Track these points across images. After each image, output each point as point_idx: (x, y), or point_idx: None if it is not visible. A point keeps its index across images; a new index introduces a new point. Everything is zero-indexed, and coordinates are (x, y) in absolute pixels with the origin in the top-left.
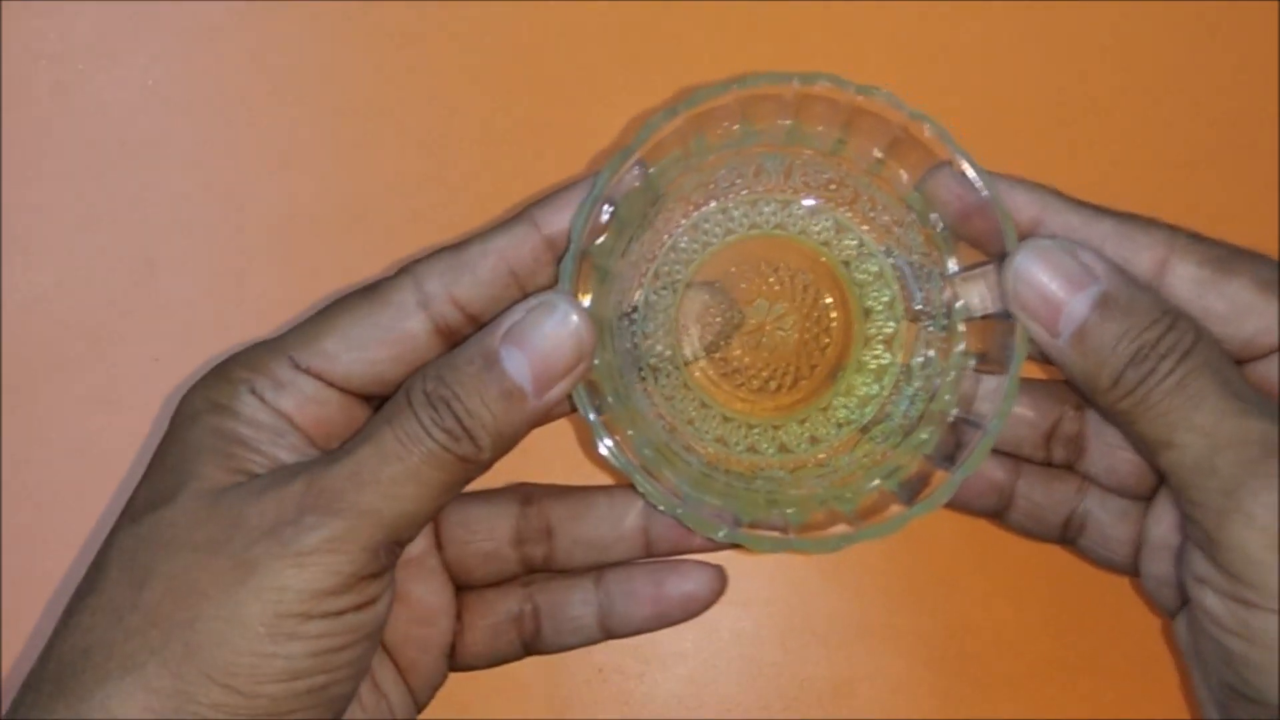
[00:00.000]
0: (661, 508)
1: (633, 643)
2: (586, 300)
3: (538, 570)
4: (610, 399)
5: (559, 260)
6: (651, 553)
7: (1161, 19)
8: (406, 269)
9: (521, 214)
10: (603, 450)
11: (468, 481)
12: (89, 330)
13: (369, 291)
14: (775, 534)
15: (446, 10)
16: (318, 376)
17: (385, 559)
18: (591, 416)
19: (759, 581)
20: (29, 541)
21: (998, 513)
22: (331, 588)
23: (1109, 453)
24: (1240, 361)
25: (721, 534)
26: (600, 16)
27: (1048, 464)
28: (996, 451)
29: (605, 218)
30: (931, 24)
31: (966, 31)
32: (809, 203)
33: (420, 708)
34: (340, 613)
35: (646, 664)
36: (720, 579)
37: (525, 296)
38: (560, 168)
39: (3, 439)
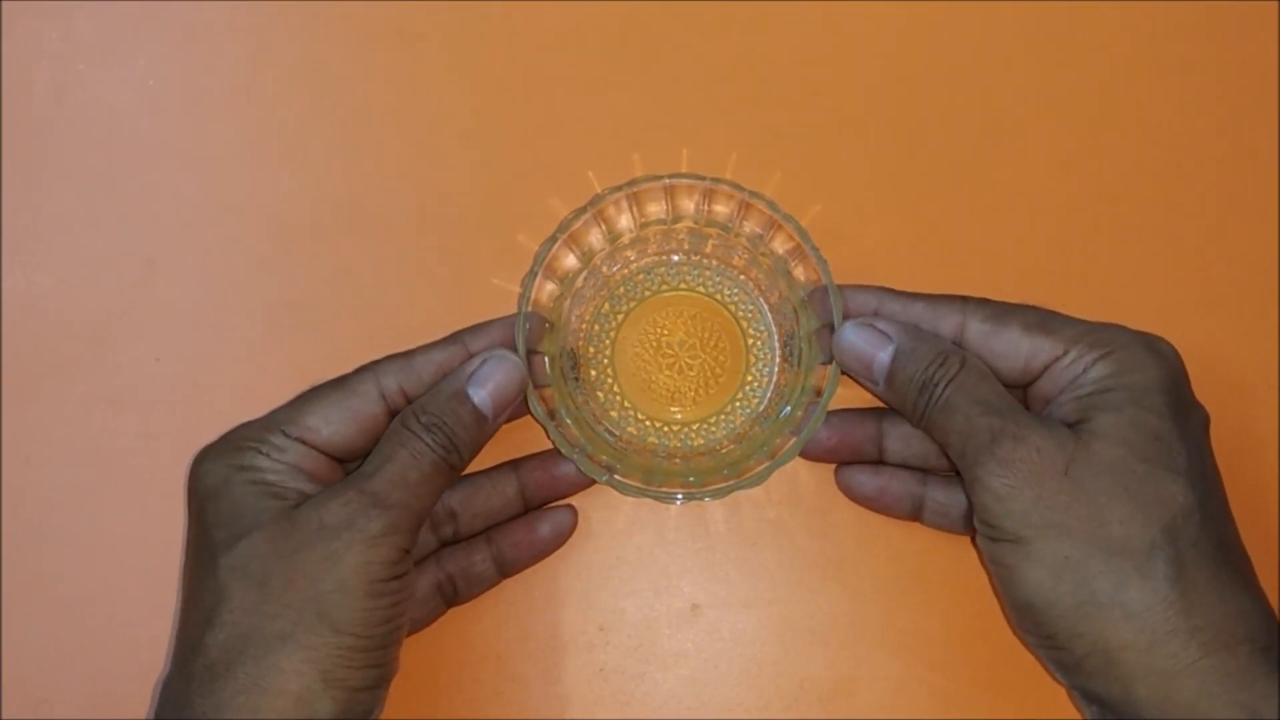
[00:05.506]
0: (563, 451)
1: (633, 642)
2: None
3: (449, 544)
4: (548, 383)
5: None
6: (529, 506)
7: (1161, 19)
8: (368, 368)
9: (454, 335)
10: (531, 407)
11: (450, 482)
12: (89, 330)
13: (339, 383)
14: (638, 485)
15: (446, 10)
16: (305, 443)
17: (415, 540)
18: (529, 386)
19: (759, 582)
20: (30, 541)
21: (915, 515)
22: (396, 558)
23: None
24: (1027, 384)
25: (604, 479)
26: (600, 17)
27: (953, 473)
28: (911, 468)
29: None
30: (930, 24)
31: (966, 32)
32: (721, 273)
33: None
34: (402, 575)
35: (646, 664)
36: (573, 514)
37: (471, 356)
38: (559, 167)
39: (3, 439)
